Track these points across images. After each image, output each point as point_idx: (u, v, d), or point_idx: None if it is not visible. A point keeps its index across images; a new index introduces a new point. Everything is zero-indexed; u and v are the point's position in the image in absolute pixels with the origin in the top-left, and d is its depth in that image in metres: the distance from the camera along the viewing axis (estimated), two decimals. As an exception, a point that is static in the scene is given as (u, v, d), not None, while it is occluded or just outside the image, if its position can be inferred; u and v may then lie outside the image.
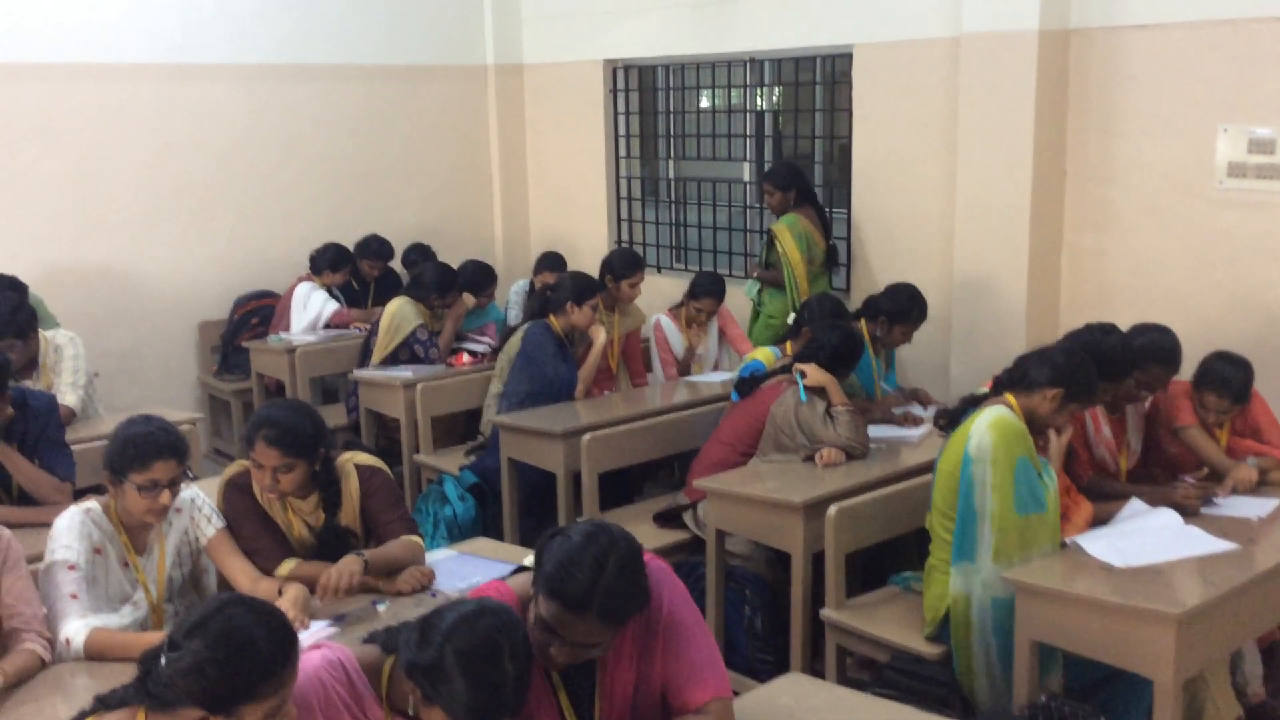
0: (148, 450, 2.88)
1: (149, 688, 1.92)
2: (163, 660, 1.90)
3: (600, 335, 5.26)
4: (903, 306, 4.81)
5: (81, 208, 6.43)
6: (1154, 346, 3.78)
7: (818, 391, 4.16)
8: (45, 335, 4.75)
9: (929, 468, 3.99)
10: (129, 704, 1.96)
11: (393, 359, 5.84)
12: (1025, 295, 5.26)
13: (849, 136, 6.14)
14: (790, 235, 5.76)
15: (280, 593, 2.92)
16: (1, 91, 6.11)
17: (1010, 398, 3.37)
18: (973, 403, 3.47)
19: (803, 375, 4.17)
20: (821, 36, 6.14)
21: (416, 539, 3.22)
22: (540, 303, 5.33)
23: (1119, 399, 3.81)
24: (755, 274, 6.06)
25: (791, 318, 4.67)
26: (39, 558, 2.94)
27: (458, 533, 4.86)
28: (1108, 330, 3.71)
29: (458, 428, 5.83)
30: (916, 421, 4.56)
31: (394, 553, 3.13)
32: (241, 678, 1.87)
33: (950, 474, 3.35)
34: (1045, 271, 5.32)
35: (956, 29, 5.38)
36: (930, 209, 5.72)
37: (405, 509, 3.31)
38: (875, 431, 4.33)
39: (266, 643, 1.90)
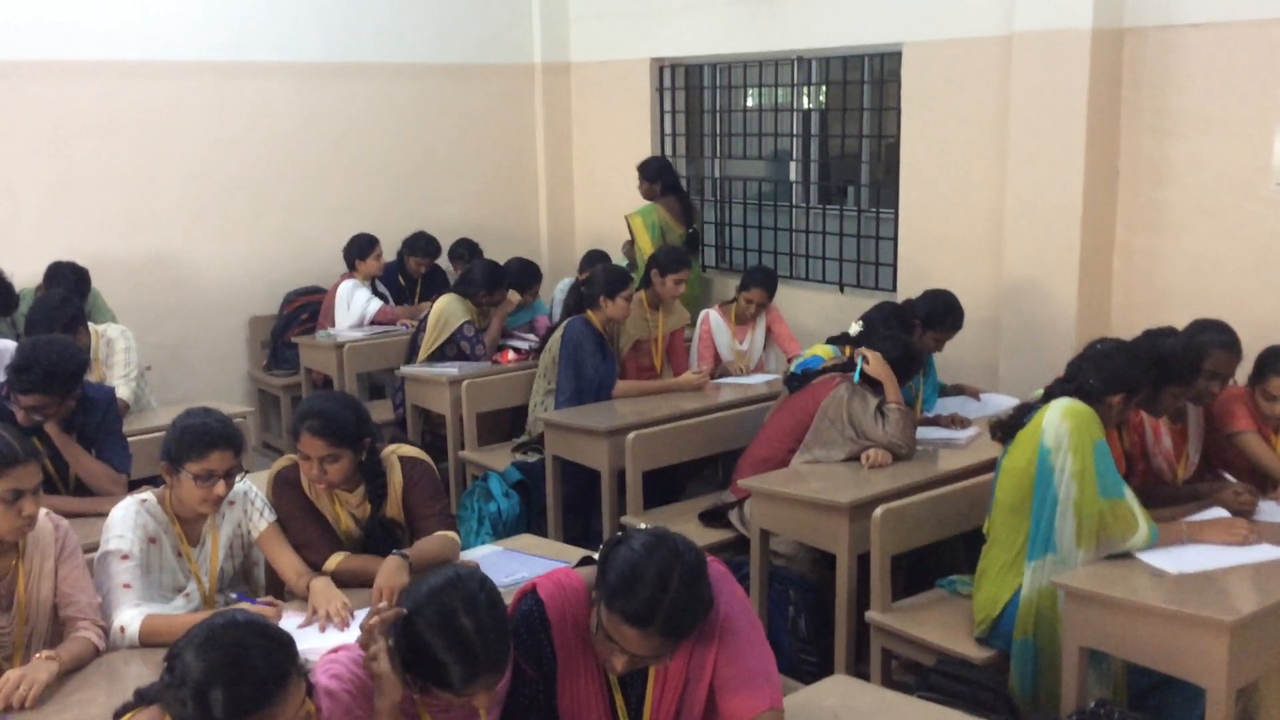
0: (205, 441, 2.92)
1: (163, 693, 1.90)
2: (165, 672, 1.88)
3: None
4: (939, 313, 4.77)
5: (136, 203, 6.54)
6: (1213, 330, 3.72)
7: (872, 384, 4.14)
8: (96, 329, 4.83)
9: (976, 471, 3.99)
10: (158, 702, 1.95)
11: (439, 355, 5.88)
12: (1076, 297, 5.20)
13: (896, 136, 6.10)
14: (643, 224, 6.66)
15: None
16: (59, 88, 6.23)
17: (1071, 397, 3.31)
18: (1028, 410, 3.41)
19: (864, 360, 4.14)
20: (870, 35, 6.11)
21: (453, 535, 3.23)
22: (576, 299, 5.35)
23: (1190, 399, 3.74)
24: (624, 252, 6.81)
25: (855, 328, 4.62)
26: (94, 547, 2.99)
27: (502, 529, 4.88)
28: (1167, 334, 3.65)
29: (503, 424, 5.85)
30: (964, 423, 4.51)
31: (434, 550, 3.14)
32: (217, 715, 1.82)
33: (1022, 470, 3.28)
34: (1097, 273, 5.25)
35: (1008, 27, 5.33)
36: (979, 209, 5.67)
37: (445, 503, 3.32)
38: (922, 433, 4.29)
39: (249, 686, 1.84)
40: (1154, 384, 3.42)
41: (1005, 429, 3.44)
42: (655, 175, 6.83)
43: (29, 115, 6.17)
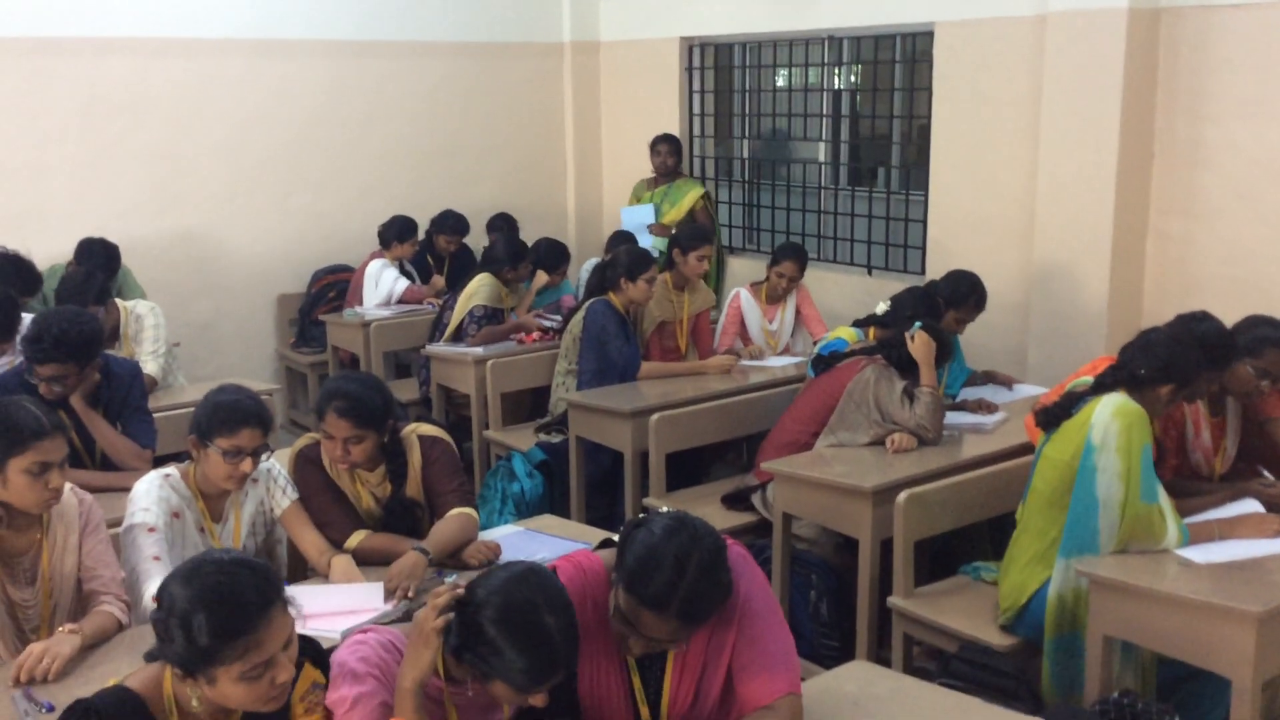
0: (237, 417, 2.94)
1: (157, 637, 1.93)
2: (156, 611, 1.91)
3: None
4: (962, 293, 4.69)
5: (166, 181, 6.57)
6: (1269, 326, 3.57)
7: (900, 367, 4.10)
8: (126, 305, 4.86)
9: (1003, 457, 3.95)
10: (160, 656, 1.97)
11: (459, 334, 5.88)
12: (1108, 282, 5.14)
13: (928, 116, 6.04)
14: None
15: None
16: (92, 66, 6.26)
17: (1123, 394, 3.25)
18: (1077, 400, 3.33)
19: (910, 338, 4.09)
20: (903, 14, 6.04)
21: (471, 511, 3.23)
22: (599, 280, 5.34)
23: (1237, 394, 3.67)
24: (672, 232, 6.47)
25: (882, 308, 4.58)
26: (117, 523, 3.01)
27: (525, 509, 4.88)
28: (1200, 318, 3.57)
29: (526, 404, 5.85)
30: (991, 409, 4.47)
31: (453, 537, 3.14)
32: (203, 641, 1.84)
33: (1065, 464, 3.22)
34: (1129, 258, 5.18)
35: (1043, 6, 5.25)
36: (1011, 192, 5.60)
37: (464, 480, 3.33)
38: (948, 419, 4.24)
39: (231, 609, 1.85)
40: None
41: (1051, 416, 3.36)
42: (679, 152, 6.93)
43: (60, 92, 6.20)
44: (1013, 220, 5.60)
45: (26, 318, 4.36)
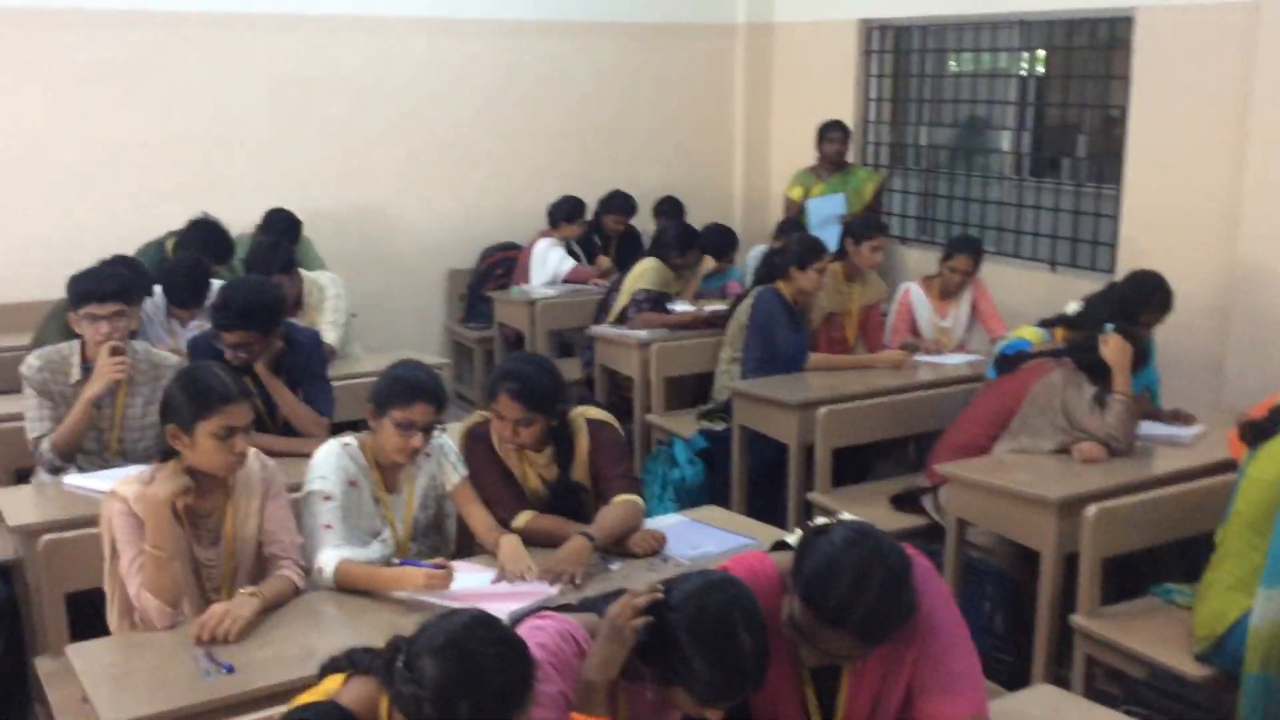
0: (413, 391, 2.98)
1: (390, 682, 1.86)
2: (399, 666, 1.84)
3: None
4: (1145, 292, 4.38)
5: (346, 155, 6.75)
6: None
7: (1090, 371, 3.89)
8: (308, 275, 4.99)
9: (1200, 473, 3.71)
10: (375, 677, 1.92)
11: (623, 317, 5.85)
12: (1321, 289, 4.77)
13: (1120, 106, 5.71)
14: None
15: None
16: (279, 41, 6.46)
17: None
18: None
19: (1103, 342, 3.88)
20: (1101, -1, 5.73)
21: (636, 499, 3.19)
22: (768, 268, 5.23)
23: None
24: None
25: (1072, 307, 4.36)
26: (296, 488, 3.08)
27: (685, 497, 4.83)
28: None
29: (689, 390, 5.80)
30: (1189, 420, 4.19)
31: (618, 524, 3.10)
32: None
33: (1271, 484, 3.00)
34: (1346, 264, 4.80)
35: (1259, -9, 4.90)
36: (1213, 189, 5.24)
37: (630, 466, 3.31)
38: (1142, 429, 3.99)
39: (494, 697, 1.79)
40: None
41: (1257, 431, 3.13)
42: (848, 140, 6.87)
43: (250, 68, 6.41)
44: (1214, 219, 5.25)
45: (216, 284, 4.52)
